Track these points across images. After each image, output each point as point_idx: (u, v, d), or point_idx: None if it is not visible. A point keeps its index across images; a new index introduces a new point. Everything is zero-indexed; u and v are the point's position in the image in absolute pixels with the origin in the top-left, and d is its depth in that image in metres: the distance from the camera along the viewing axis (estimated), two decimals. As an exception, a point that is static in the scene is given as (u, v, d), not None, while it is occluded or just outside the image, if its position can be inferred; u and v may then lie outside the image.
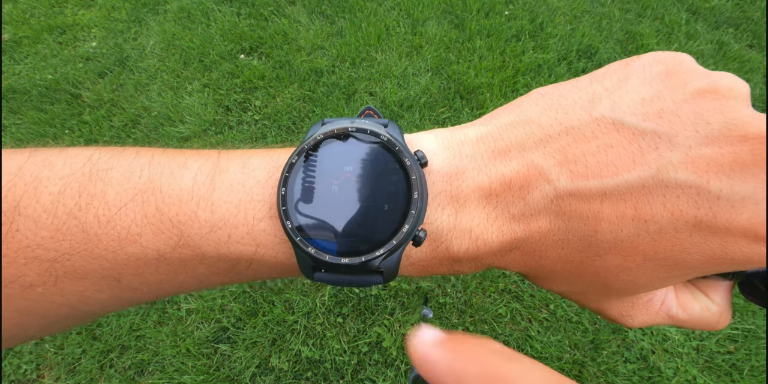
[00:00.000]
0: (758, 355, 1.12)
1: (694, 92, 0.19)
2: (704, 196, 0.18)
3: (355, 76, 1.74)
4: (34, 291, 0.20)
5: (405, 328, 1.17)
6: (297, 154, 0.22)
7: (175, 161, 0.22)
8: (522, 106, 0.22)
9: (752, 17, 2.06)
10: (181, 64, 1.81)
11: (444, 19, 1.96)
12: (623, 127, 0.19)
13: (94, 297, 0.22)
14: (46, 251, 0.20)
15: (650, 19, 2.02)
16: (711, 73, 0.20)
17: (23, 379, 1.12)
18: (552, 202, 0.20)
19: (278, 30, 1.89)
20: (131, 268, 0.21)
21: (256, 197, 0.21)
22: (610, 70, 0.22)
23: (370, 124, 0.22)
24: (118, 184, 0.21)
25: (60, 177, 0.21)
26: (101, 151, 0.22)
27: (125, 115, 1.66)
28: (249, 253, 0.21)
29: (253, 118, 1.64)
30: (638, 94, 0.20)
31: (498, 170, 0.21)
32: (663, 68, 0.21)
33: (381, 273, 0.21)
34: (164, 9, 2.06)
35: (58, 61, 1.86)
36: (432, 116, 1.62)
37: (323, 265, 0.21)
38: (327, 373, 1.11)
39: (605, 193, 0.19)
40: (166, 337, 1.16)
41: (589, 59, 1.82)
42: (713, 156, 0.18)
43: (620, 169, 0.19)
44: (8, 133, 1.62)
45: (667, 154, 0.18)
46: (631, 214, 0.19)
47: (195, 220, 0.21)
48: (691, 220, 0.18)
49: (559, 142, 0.20)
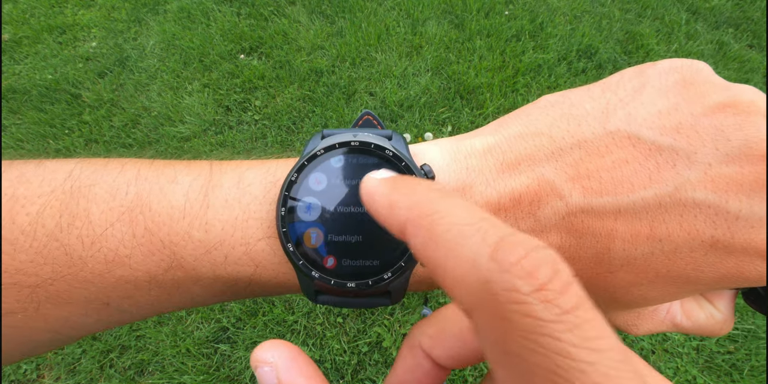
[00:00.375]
0: (758, 355, 1.12)
1: (713, 106, 0.18)
2: (722, 216, 0.17)
3: (355, 76, 1.74)
4: (14, 318, 0.19)
5: (405, 328, 1.17)
6: (296, 170, 0.20)
7: (164, 175, 0.21)
8: (531, 116, 0.21)
9: (752, 17, 2.06)
10: (181, 64, 1.81)
11: (444, 19, 1.96)
12: (639, 141, 0.19)
13: (79, 321, 0.20)
14: (26, 277, 0.18)
15: (650, 19, 2.02)
16: (730, 85, 0.19)
17: (23, 379, 1.12)
18: (563, 218, 0.19)
19: (278, 30, 1.89)
20: (120, 291, 0.20)
21: (253, 215, 0.20)
22: (624, 78, 0.21)
23: (373, 138, 0.21)
24: (103, 201, 0.19)
25: (38, 195, 0.19)
26: (82, 164, 0.20)
27: (125, 115, 1.66)
28: (247, 273, 0.20)
29: (253, 118, 1.64)
30: (654, 106, 0.19)
31: (507, 185, 0.20)
32: (680, 77, 0.20)
33: (388, 294, 0.21)
34: (164, 9, 2.06)
35: (58, 61, 1.86)
36: (432, 116, 1.62)
37: (327, 289, 0.20)
38: (327, 373, 1.11)
39: (619, 211, 0.18)
40: (166, 337, 1.16)
41: (589, 59, 1.83)
42: (733, 175, 0.17)
43: (636, 186, 0.18)
44: (8, 133, 1.62)
45: (685, 171, 0.18)
46: (646, 233, 0.18)
47: (188, 240, 0.19)
48: (707, 239, 0.18)
49: (571, 155, 0.19)
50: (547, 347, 0.09)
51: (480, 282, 0.10)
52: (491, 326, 0.10)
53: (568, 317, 0.09)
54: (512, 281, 0.10)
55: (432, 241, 0.12)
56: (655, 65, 0.21)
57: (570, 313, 0.09)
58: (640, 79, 0.20)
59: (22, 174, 0.20)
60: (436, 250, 0.11)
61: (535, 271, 0.10)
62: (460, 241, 0.11)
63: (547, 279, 0.09)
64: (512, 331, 0.09)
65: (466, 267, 0.10)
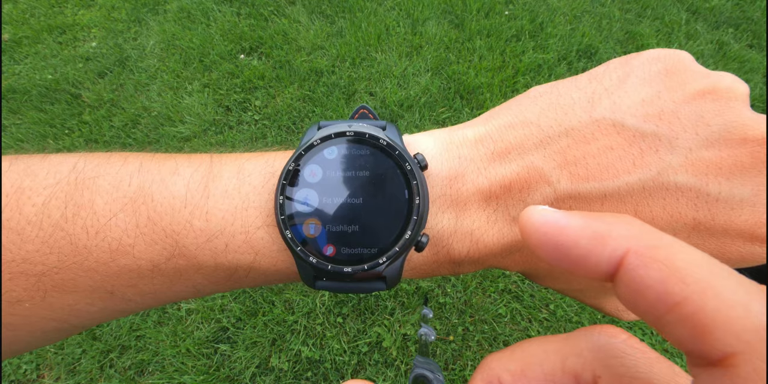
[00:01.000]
0: (758, 355, 1.12)
1: (693, 93, 0.19)
2: (703, 199, 0.18)
3: (355, 76, 1.74)
4: (21, 306, 0.20)
5: (405, 328, 1.17)
6: (294, 160, 0.21)
7: (165, 167, 0.21)
8: (521, 106, 0.22)
9: (752, 17, 2.06)
10: (181, 64, 1.81)
11: (444, 19, 1.96)
12: (624, 128, 0.19)
13: (84, 310, 0.21)
14: (33, 265, 0.19)
15: (650, 19, 2.02)
16: (710, 73, 0.20)
17: (23, 379, 1.12)
18: (552, 204, 0.20)
19: (278, 30, 1.89)
20: (124, 279, 0.20)
21: (252, 204, 0.21)
22: (609, 68, 0.21)
23: (368, 128, 0.22)
24: (107, 193, 0.20)
25: (44, 186, 0.20)
26: (86, 158, 0.21)
27: (125, 115, 1.66)
28: (247, 261, 0.21)
29: (253, 118, 1.64)
30: (638, 94, 0.20)
31: (497, 172, 0.21)
32: (662, 66, 0.20)
33: (384, 279, 0.21)
34: (164, 9, 2.06)
35: (58, 61, 1.86)
36: (432, 116, 1.62)
37: (325, 274, 0.21)
38: (327, 373, 1.11)
39: (605, 196, 0.19)
40: (166, 337, 1.16)
41: (589, 59, 1.82)
42: (713, 159, 0.18)
43: (620, 172, 0.19)
44: (8, 133, 1.62)
45: (667, 156, 0.18)
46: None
47: (190, 229, 0.20)
48: (690, 222, 0.18)
49: (558, 143, 0.20)
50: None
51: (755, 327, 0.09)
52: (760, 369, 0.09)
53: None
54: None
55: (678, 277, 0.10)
56: (639, 55, 0.21)
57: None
58: (625, 68, 0.21)
59: (27, 166, 0.20)
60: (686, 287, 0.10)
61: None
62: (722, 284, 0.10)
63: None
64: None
65: (737, 311, 0.10)
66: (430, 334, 0.40)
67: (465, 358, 1.13)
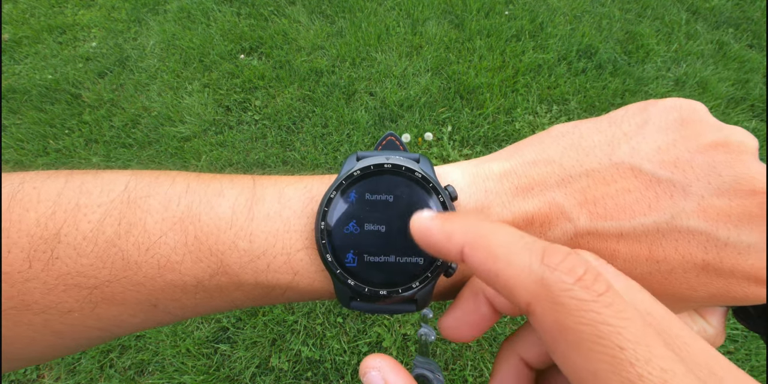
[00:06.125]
0: (758, 355, 1.12)
1: (707, 144, 0.21)
2: (713, 243, 0.20)
3: (355, 76, 1.74)
4: (71, 316, 0.21)
5: (405, 328, 1.17)
6: (335, 188, 0.23)
7: (211, 189, 0.23)
8: (543, 144, 0.24)
9: (752, 17, 2.06)
10: (181, 64, 1.81)
11: (444, 19, 1.96)
12: (641, 173, 0.21)
13: (128, 321, 0.22)
14: (87, 279, 0.20)
15: (650, 19, 2.02)
16: (723, 126, 0.21)
17: (23, 379, 1.12)
18: (571, 239, 0.21)
19: (278, 30, 1.89)
20: (169, 294, 0.21)
21: (293, 228, 0.22)
22: (628, 114, 0.23)
23: (404, 160, 0.23)
24: (157, 212, 0.21)
25: (98, 204, 0.21)
26: (137, 177, 0.23)
27: (125, 115, 1.66)
28: (286, 280, 0.22)
29: (253, 118, 1.64)
30: (655, 141, 0.21)
31: (521, 207, 0.22)
32: (678, 116, 0.22)
33: (415, 301, 0.23)
34: (164, 9, 2.06)
35: (58, 61, 1.86)
36: (432, 116, 1.62)
37: (361, 295, 0.22)
38: (327, 373, 1.11)
39: (622, 234, 0.21)
40: (166, 337, 1.16)
41: (589, 59, 1.83)
42: (723, 207, 0.20)
43: (637, 213, 0.20)
44: (8, 133, 1.62)
45: (681, 202, 0.20)
46: (645, 255, 0.20)
47: (234, 249, 0.21)
48: (699, 262, 0.20)
49: (579, 183, 0.21)
50: (591, 319, 0.13)
51: (536, 280, 0.14)
52: (549, 309, 0.13)
53: (603, 297, 0.13)
54: (560, 276, 0.13)
55: (491, 256, 0.15)
56: (656, 103, 0.23)
57: (603, 294, 0.13)
58: (643, 115, 0.23)
59: (82, 183, 0.22)
60: (495, 263, 0.15)
61: (573, 268, 0.14)
62: (515, 254, 0.15)
63: (583, 272, 0.13)
64: (565, 311, 0.13)
65: (524, 272, 0.14)
66: (430, 334, 0.40)
67: (465, 358, 1.13)
